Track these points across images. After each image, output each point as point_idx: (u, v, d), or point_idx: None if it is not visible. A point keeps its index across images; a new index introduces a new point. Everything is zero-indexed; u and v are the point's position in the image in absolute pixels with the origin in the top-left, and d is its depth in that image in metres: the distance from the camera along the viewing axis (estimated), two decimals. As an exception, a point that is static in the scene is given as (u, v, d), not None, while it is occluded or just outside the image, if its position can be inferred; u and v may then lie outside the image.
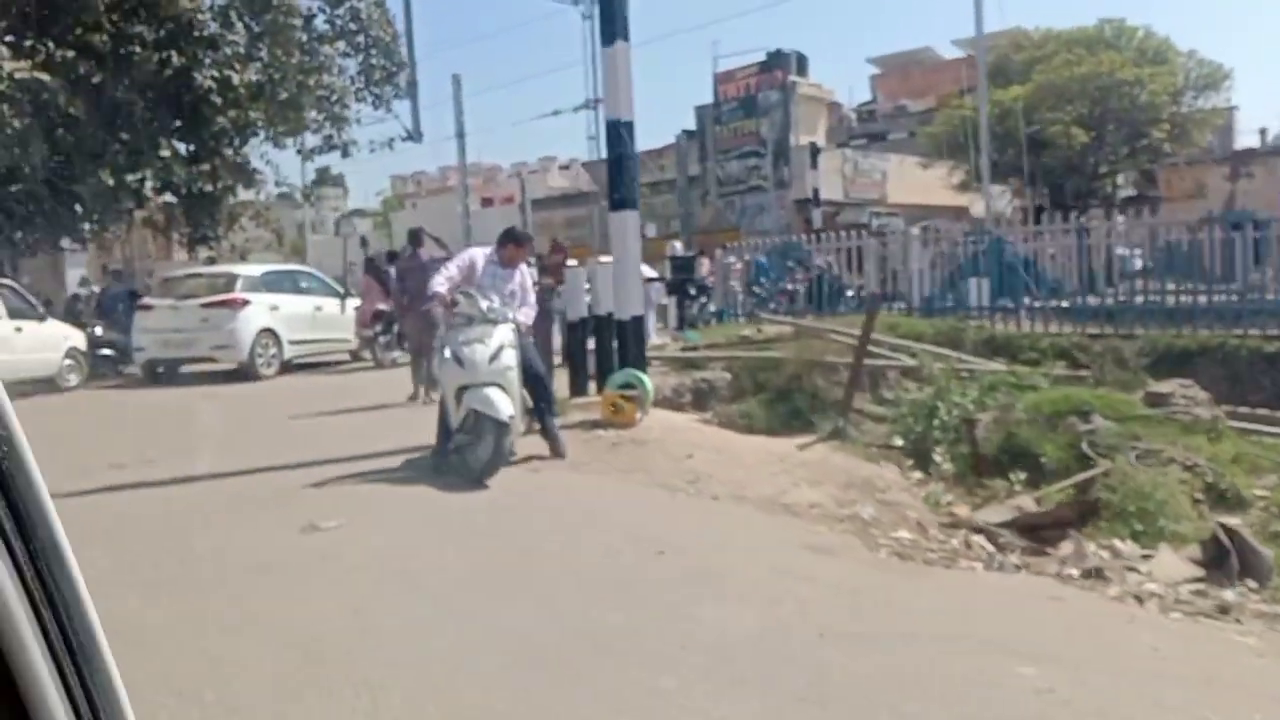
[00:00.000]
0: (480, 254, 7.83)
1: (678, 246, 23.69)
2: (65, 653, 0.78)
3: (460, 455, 6.94)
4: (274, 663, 3.81)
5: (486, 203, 47.94)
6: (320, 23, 17.72)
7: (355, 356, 16.89)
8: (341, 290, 17.01)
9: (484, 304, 7.20)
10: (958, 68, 55.44)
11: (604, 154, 36.37)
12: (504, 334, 7.16)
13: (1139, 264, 16.95)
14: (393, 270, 15.99)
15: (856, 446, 8.07)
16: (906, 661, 3.74)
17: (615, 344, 10.11)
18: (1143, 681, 3.69)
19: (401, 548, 5.48)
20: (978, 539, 6.13)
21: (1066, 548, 6.15)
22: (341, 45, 17.74)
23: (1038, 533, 7.03)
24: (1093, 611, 4.88)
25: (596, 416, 9.05)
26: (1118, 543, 6.39)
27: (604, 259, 10.65)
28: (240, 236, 20.50)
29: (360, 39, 18.04)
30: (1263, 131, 30.91)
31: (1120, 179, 29.07)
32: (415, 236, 12.65)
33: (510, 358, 7.16)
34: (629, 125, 9.28)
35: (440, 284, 7.45)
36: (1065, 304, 14.81)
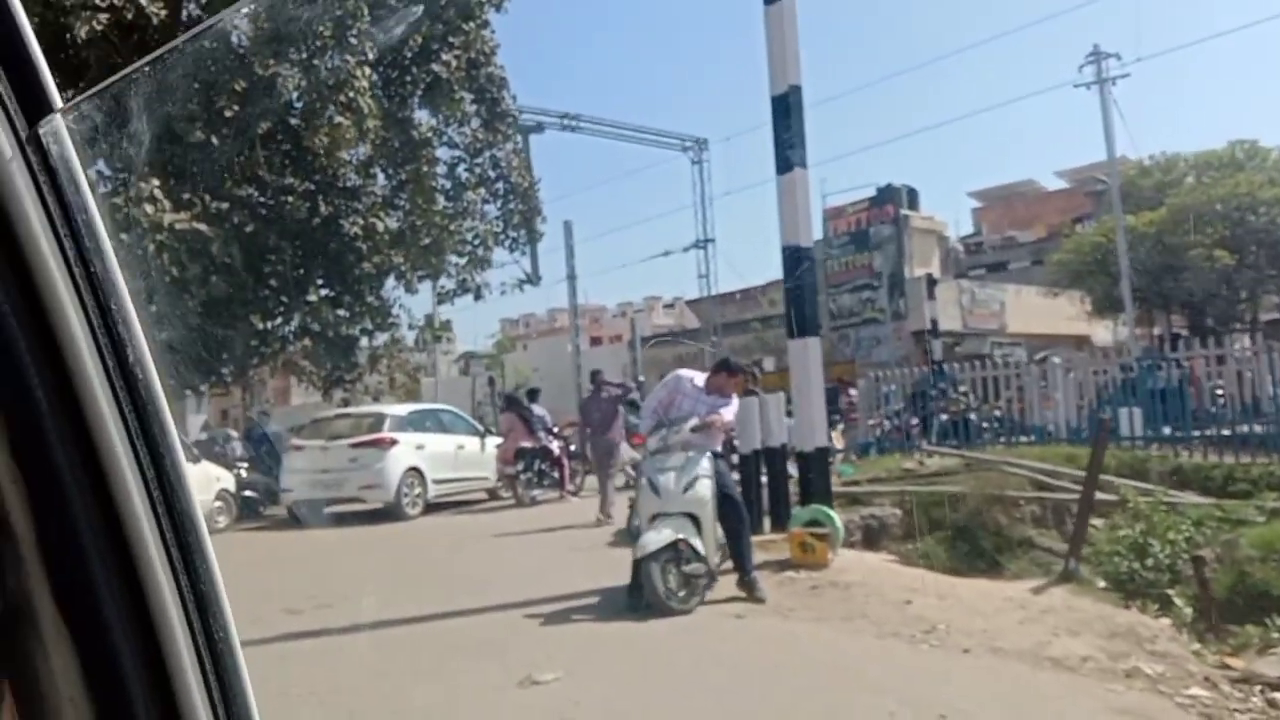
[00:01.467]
0: (687, 379, 7.58)
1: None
2: (210, 659, 0.82)
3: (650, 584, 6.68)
4: None
5: (595, 342, 48.46)
6: (461, 170, 18.25)
7: (493, 495, 16.65)
8: (481, 429, 16.93)
9: (685, 430, 6.96)
10: (1061, 198, 55.26)
11: (712, 292, 36.22)
12: (701, 463, 6.90)
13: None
14: (535, 409, 16.02)
15: (1092, 589, 7.29)
16: None
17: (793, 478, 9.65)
18: None
19: (639, 705, 4.97)
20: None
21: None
22: (483, 192, 18.20)
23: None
24: None
25: (782, 556, 8.51)
26: None
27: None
28: (374, 379, 20.76)
29: (499, 185, 18.50)
30: None
31: (1264, 301, 27.77)
32: (596, 376, 14.53)
33: (706, 488, 6.93)
34: (809, 251, 9.04)
35: (643, 419, 7.32)
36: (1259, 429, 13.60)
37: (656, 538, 6.71)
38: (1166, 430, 15.43)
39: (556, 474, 15.89)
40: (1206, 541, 9.44)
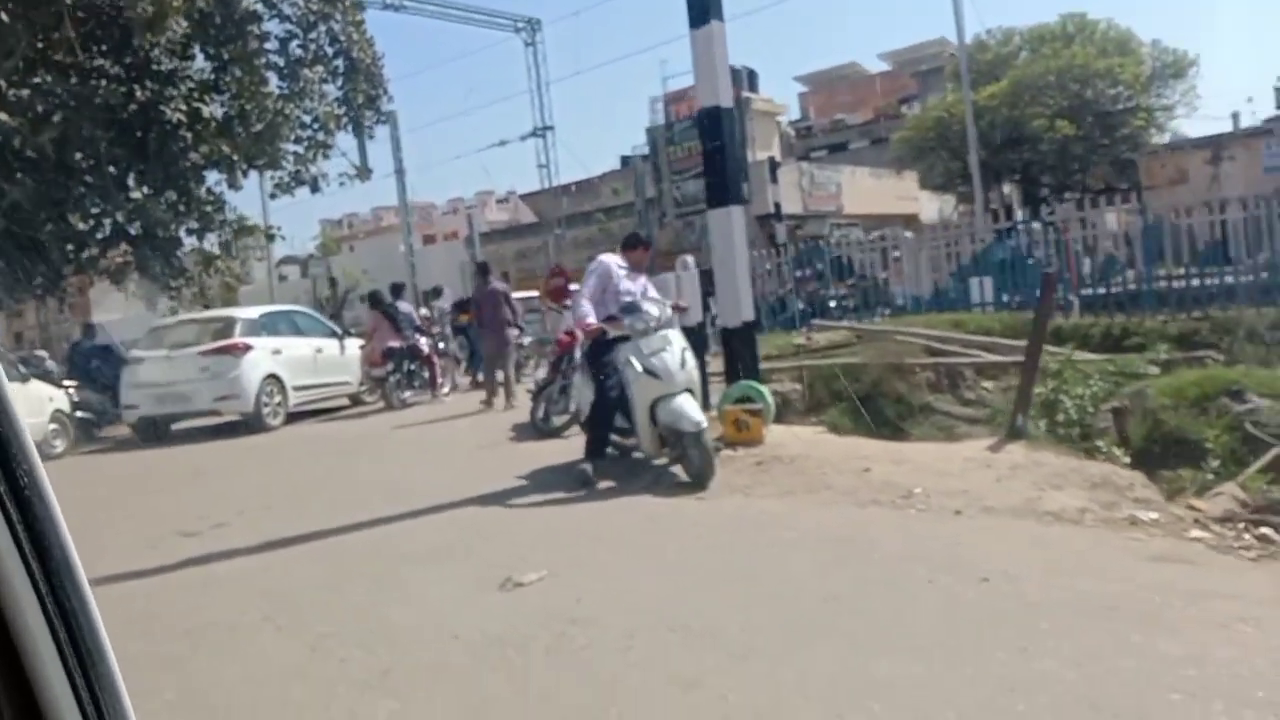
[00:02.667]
0: (612, 262, 7.25)
1: (689, 261, 23.06)
2: (74, 659, 0.78)
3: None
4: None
5: (429, 240, 46.62)
6: (295, 47, 16.44)
7: (355, 400, 15.61)
8: (339, 330, 15.72)
9: (653, 312, 6.62)
10: (885, 81, 56.44)
11: (553, 182, 35.24)
12: (680, 338, 6.69)
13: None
14: (400, 305, 14.96)
15: (1046, 443, 7.24)
16: None
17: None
18: None
19: (645, 596, 4.47)
20: (1268, 531, 5.35)
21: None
22: (320, 70, 16.48)
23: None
24: None
25: (715, 434, 8.15)
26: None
27: (687, 259, 9.81)
28: (210, 283, 18.99)
29: (337, 63, 16.81)
30: (1235, 115, 31.23)
31: (1093, 172, 29.20)
32: (484, 268, 14.37)
33: (692, 360, 6.91)
34: (729, 112, 8.45)
35: (587, 309, 7.07)
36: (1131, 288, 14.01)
37: (697, 415, 6.69)
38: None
39: (427, 374, 15.00)
40: (1112, 394, 9.70)
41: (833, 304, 18.58)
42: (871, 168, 36.56)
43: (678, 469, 6.96)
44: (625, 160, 41.92)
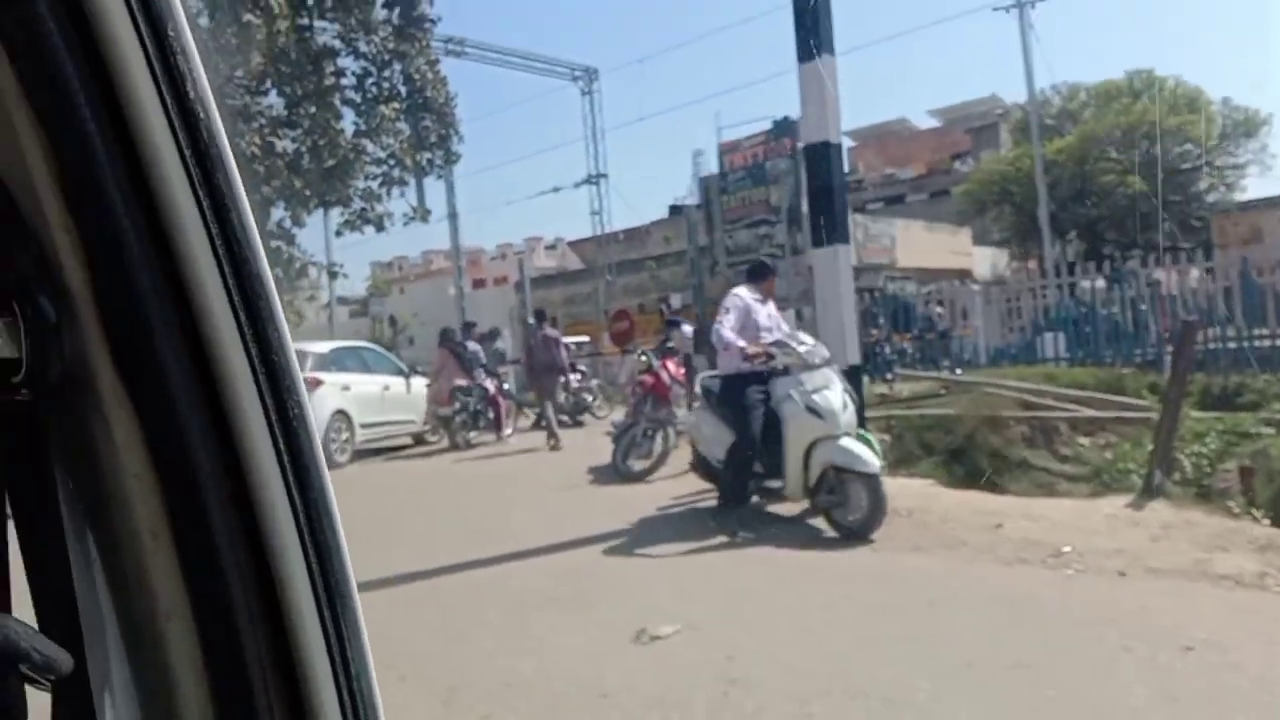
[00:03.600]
0: (746, 295, 6.86)
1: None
2: (339, 649, 0.77)
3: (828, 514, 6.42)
4: None
5: (478, 284, 46.76)
6: (370, 84, 16.46)
7: (419, 440, 15.36)
8: (405, 369, 15.52)
9: (802, 348, 6.27)
10: (934, 137, 56.34)
11: (606, 229, 35.15)
12: (840, 377, 6.41)
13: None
14: (469, 345, 14.76)
15: (1188, 502, 6.78)
16: None
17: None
18: None
19: (805, 656, 4.07)
20: None
21: None
22: (395, 107, 16.46)
23: None
24: None
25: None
26: None
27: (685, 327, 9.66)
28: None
29: (410, 101, 16.80)
30: None
31: (1166, 228, 28.67)
32: (541, 314, 15.12)
33: (853, 404, 6.63)
34: (837, 148, 8.15)
35: (733, 338, 6.65)
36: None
37: (871, 457, 6.37)
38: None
39: (492, 414, 14.71)
40: (1226, 453, 9.20)
41: (893, 357, 18.22)
42: (925, 222, 36.27)
43: (817, 520, 6.57)
44: (674, 209, 41.91)
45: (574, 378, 16.04)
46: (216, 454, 0.70)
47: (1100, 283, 17.65)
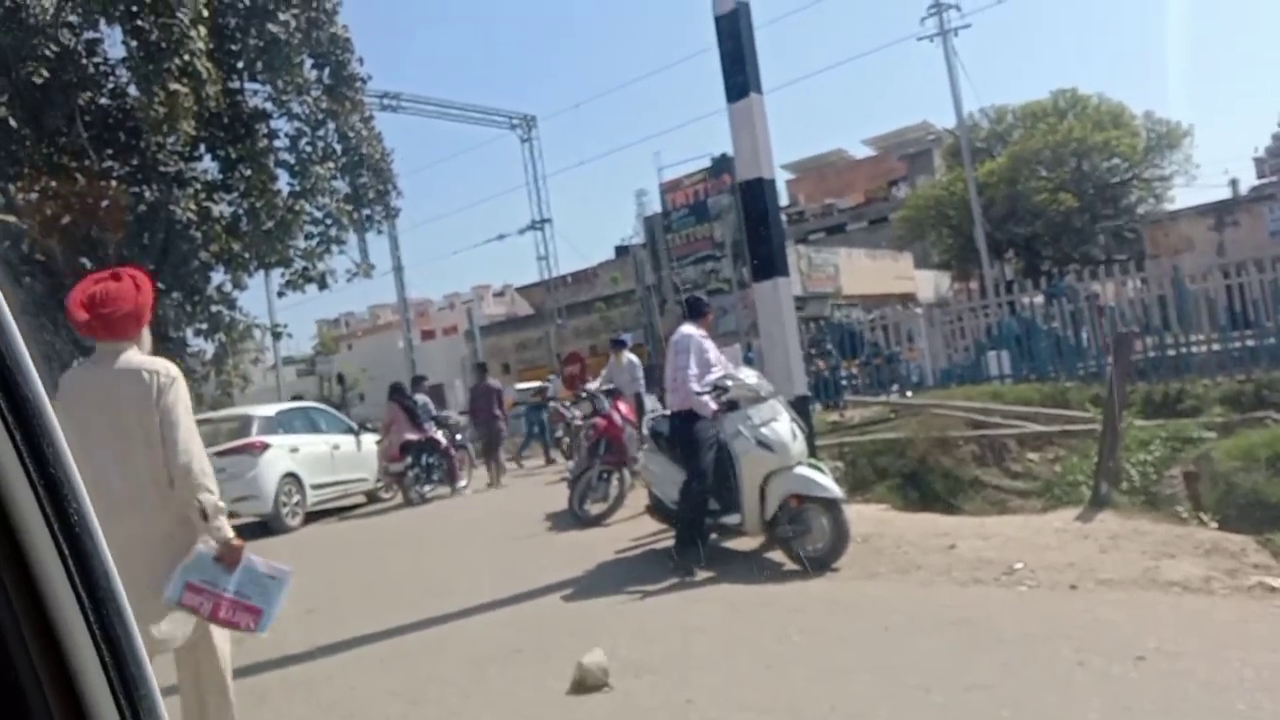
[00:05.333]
0: (696, 333, 6.91)
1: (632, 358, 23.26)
2: (109, 654, 0.81)
3: (789, 546, 6.39)
4: None
5: (428, 335, 46.43)
6: (304, 145, 16.39)
7: (372, 497, 15.16)
8: (355, 426, 15.34)
9: (752, 381, 6.35)
10: (870, 165, 57.39)
11: (553, 274, 35.24)
12: (787, 408, 6.50)
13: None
14: (418, 398, 14.62)
15: (1134, 511, 6.89)
16: None
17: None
18: None
19: (764, 693, 4.05)
20: None
21: None
22: (330, 166, 16.39)
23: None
24: None
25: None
26: None
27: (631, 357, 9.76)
28: (212, 385, 18.55)
29: (345, 159, 16.74)
30: (1234, 182, 31.35)
31: (1094, 241, 29.39)
32: (482, 368, 16.60)
33: (802, 433, 6.68)
34: (771, 183, 8.28)
35: (694, 384, 6.65)
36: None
37: (830, 483, 6.44)
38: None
39: (445, 467, 14.56)
40: (1171, 459, 9.39)
41: (844, 384, 18.39)
42: (867, 249, 36.85)
43: (775, 554, 6.57)
44: (620, 249, 42.13)
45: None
46: None
47: (1039, 299, 18.04)
